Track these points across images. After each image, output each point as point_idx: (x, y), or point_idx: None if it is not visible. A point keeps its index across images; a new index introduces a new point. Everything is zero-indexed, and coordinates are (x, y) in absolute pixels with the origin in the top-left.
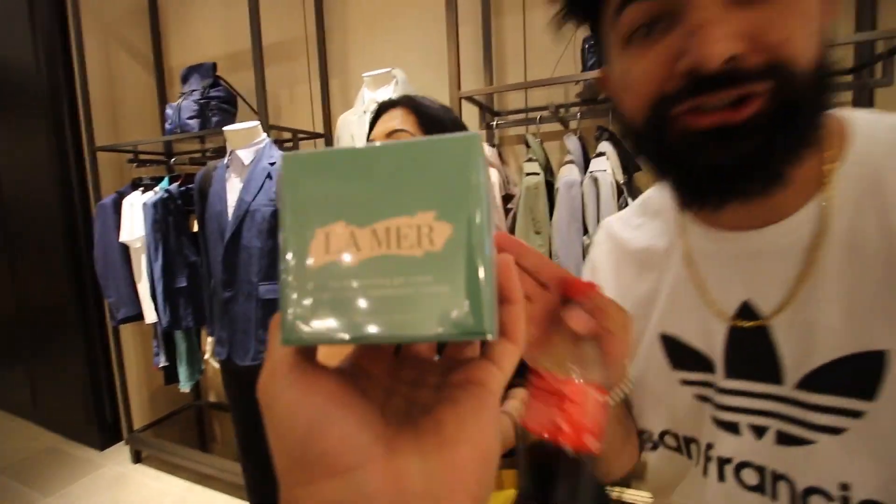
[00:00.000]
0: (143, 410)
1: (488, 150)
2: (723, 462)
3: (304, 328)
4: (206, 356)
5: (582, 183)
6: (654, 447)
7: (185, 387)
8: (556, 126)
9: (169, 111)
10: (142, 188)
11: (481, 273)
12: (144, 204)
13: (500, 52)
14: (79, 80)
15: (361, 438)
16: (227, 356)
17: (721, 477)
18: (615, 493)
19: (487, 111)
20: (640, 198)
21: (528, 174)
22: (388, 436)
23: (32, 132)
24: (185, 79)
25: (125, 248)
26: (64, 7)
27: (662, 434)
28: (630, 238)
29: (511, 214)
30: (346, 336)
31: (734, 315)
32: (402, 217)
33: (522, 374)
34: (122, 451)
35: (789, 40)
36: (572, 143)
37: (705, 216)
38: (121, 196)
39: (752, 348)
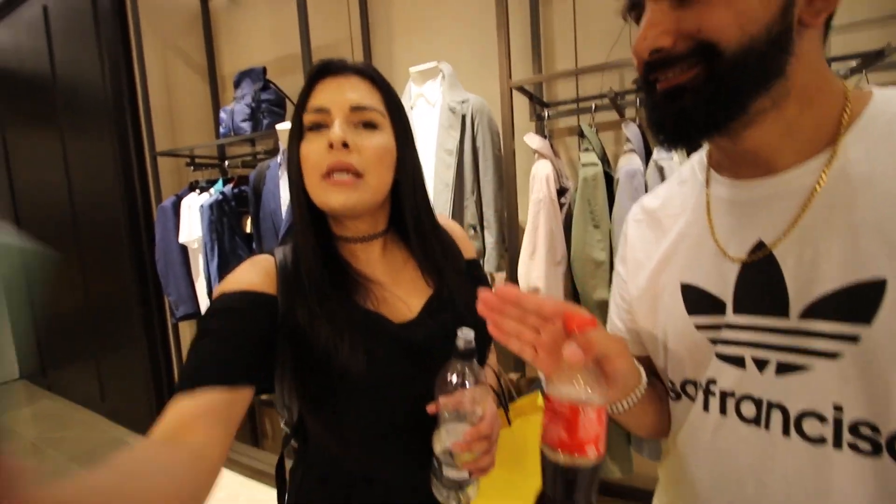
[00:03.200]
0: None
1: (539, 142)
2: (725, 395)
3: None
4: None
5: (645, 172)
6: (678, 397)
7: None
8: (610, 115)
9: (223, 115)
10: (198, 190)
11: None
12: (201, 206)
13: (548, 40)
14: (140, 90)
15: None
16: None
17: (723, 410)
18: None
19: (537, 102)
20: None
21: (585, 164)
22: None
23: (99, 139)
24: (237, 84)
25: (184, 248)
26: (126, 22)
27: (684, 384)
28: (655, 205)
29: (566, 209)
30: None
31: (748, 254)
32: None
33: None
34: None
35: (712, 30)
36: (631, 131)
37: (727, 169)
38: (179, 198)
39: (761, 282)
